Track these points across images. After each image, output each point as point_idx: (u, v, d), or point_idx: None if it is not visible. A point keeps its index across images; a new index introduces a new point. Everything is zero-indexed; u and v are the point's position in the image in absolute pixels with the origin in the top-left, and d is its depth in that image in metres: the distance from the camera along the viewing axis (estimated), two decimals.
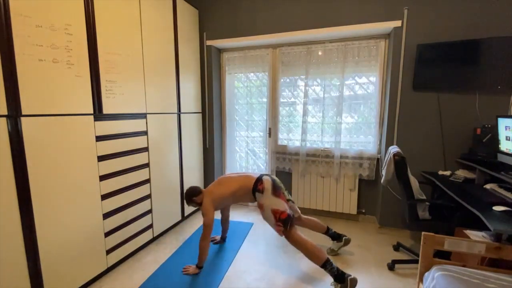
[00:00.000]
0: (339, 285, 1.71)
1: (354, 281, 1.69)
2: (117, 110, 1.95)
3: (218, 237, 2.45)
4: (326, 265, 1.75)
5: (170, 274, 1.98)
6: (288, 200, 2.00)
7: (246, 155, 3.34)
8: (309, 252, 1.80)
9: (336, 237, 2.21)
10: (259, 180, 1.98)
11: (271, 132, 3.12)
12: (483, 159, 2.00)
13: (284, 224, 1.85)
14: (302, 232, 1.91)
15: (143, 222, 2.26)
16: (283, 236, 1.88)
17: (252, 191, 1.98)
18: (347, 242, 2.21)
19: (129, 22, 2.03)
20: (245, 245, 2.39)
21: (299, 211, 2.18)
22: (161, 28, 2.39)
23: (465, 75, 2.18)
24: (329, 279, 1.89)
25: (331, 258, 2.15)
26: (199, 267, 1.99)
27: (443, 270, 1.32)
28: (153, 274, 1.98)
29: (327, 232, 2.22)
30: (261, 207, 1.94)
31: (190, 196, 2.11)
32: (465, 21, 2.18)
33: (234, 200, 2.08)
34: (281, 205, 1.90)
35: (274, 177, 2.06)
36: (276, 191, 1.94)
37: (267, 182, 1.96)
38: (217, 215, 3.04)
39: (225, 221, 2.40)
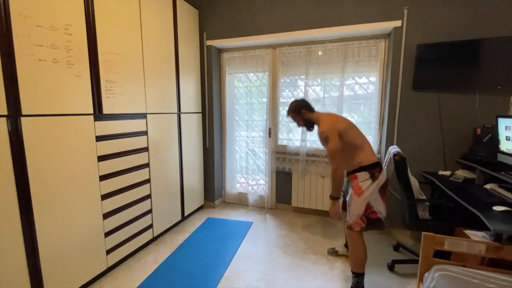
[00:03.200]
0: None
1: None
2: (117, 110, 1.95)
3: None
4: (358, 276, 1.73)
5: (170, 274, 1.98)
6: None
7: (246, 155, 3.34)
8: (357, 255, 1.71)
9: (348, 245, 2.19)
10: (379, 165, 1.69)
11: (271, 132, 3.12)
12: (483, 159, 2.00)
13: (368, 224, 1.66)
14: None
15: (143, 222, 2.26)
16: (347, 229, 1.71)
17: (364, 167, 1.67)
18: (335, 252, 2.22)
19: (129, 22, 2.03)
20: (244, 245, 2.39)
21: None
22: (161, 28, 2.39)
23: (465, 75, 2.18)
24: (332, 281, 1.90)
25: (332, 254, 2.17)
26: (335, 198, 1.73)
27: (443, 270, 1.32)
28: (153, 273, 1.98)
29: None
30: (358, 191, 1.66)
31: (300, 107, 1.81)
32: (465, 21, 2.18)
33: (345, 149, 1.69)
34: (381, 206, 1.66)
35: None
36: (383, 189, 1.68)
37: (383, 176, 1.68)
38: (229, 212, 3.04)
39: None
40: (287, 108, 1.94)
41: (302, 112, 1.83)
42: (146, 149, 2.25)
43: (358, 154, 1.70)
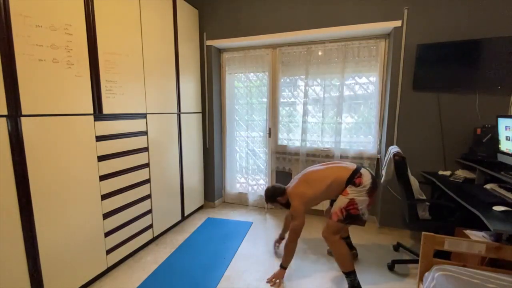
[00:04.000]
0: None
1: None
2: (117, 110, 1.95)
3: (278, 243, 2.31)
4: (350, 275, 1.74)
5: (170, 274, 1.98)
6: None
7: (246, 155, 3.34)
8: (342, 256, 1.74)
9: (349, 246, 2.16)
10: (357, 172, 1.77)
11: (271, 132, 3.12)
12: (483, 159, 2.00)
13: (346, 218, 1.72)
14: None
15: (143, 222, 2.26)
16: (324, 234, 1.78)
17: (345, 183, 1.76)
18: (354, 256, 2.19)
19: (129, 22, 2.03)
20: (244, 245, 2.39)
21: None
22: (161, 28, 2.39)
23: (465, 75, 2.18)
24: (331, 281, 1.90)
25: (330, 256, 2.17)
26: (284, 267, 1.88)
27: (443, 270, 1.32)
28: (153, 273, 1.98)
29: (346, 238, 2.19)
30: (344, 193, 1.75)
31: (275, 196, 1.97)
32: (465, 21, 2.18)
33: (325, 197, 1.87)
34: (363, 205, 1.73)
35: (373, 173, 1.84)
36: (372, 190, 1.74)
37: (366, 178, 1.75)
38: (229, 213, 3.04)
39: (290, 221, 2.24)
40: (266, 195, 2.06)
41: (277, 199, 1.98)
42: (146, 149, 2.25)
43: (336, 183, 1.79)
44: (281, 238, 2.32)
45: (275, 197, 1.98)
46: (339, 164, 1.90)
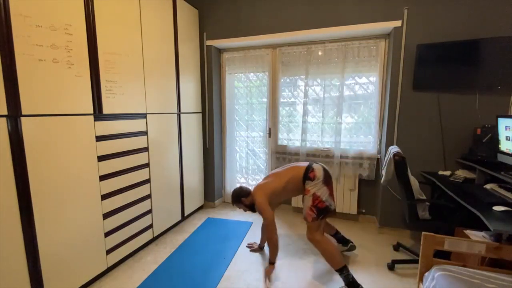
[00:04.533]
0: None
1: None
2: (117, 110, 1.95)
3: (256, 245, 2.34)
4: (343, 270, 1.75)
5: (170, 274, 1.98)
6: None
7: (246, 155, 3.34)
8: (329, 253, 1.78)
9: (342, 241, 2.21)
10: (309, 168, 1.91)
11: (271, 132, 3.12)
12: (483, 159, 2.00)
13: (318, 213, 1.80)
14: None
15: (143, 222, 2.26)
16: (308, 236, 1.84)
17: (302, 179, 1.89)
18: (352, 248, 2.21)
19: (129, 22, 2.03)
20: (244, 245, 2.39)
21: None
22: (161, 28, 2.39)
23: (465, 75, 2.18)
24: (331, 280, 1.90)
25: None
26: (273, 263, 1.93)
27: (443, 270, 1.32)
28: (153, 273, 1.98)
29: (335, 234, 2.22)
30: (306, 192, 1.86)
31: (239, 196, 2.04)
32: (465, 21, 2.18)
33: (285, 194, 2.00)
34: (325, 195, 1.84)
35: (324, 166, 1.97)
36: (327, 180, 1.87)
37: (318, 170, 1.88)
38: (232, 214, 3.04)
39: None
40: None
41: (242, 200, 2.06)
42: (146, 149, 2.25)
43: (293, 179, 1.93)
44: (260, 247, 2.32)
45: (240, 197, 2.04)
46: (295, 164, 2.04)
